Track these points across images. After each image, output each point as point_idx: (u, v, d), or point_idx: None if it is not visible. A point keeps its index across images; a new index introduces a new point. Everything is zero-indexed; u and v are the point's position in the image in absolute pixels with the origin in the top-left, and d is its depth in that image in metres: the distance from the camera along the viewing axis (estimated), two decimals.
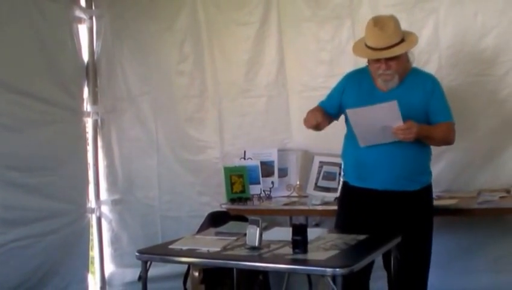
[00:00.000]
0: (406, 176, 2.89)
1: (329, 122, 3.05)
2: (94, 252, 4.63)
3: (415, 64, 3.11)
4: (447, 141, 2.99)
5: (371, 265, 2.87)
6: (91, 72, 4.54)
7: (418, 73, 3.02)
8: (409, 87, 2.90)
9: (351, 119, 2.85)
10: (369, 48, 2.87)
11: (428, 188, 3.01)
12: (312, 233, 2.55)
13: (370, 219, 2.90)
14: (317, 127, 3.00)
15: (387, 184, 2.88)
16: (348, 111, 2.85)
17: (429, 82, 2.97)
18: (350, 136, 3.00)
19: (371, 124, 2.79)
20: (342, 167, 3.22)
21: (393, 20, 2.87)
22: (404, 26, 3.10)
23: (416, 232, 2.89)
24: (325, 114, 3.00)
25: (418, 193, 2.93)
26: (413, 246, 2.84)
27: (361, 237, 2.66)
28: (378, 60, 2.85)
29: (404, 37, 2.88)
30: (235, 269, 3.27)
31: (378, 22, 2.85)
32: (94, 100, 4.56)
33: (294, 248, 2.39)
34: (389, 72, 2.86)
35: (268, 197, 3.83)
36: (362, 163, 2.93)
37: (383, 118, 2.76)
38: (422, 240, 2.94)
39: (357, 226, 2.85)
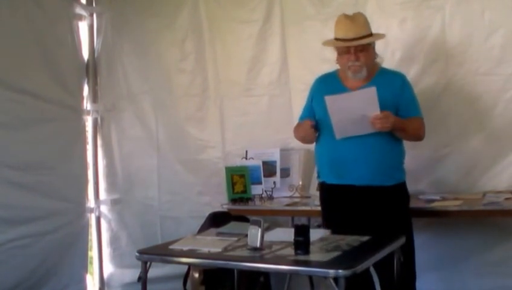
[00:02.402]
0: (382, 171, 2.95)
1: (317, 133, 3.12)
2: (93, 252, 4.62)
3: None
4: (418, 135, 3.06)
5: None
6: (91, 70, 4.52)
7: (386, 72, 3.11)
8: (378, 85, 2.91)
9: (329, 108, 2.88)
10: (339, 40, 2.98)
11: (403, 185, 3.05)
12: (314, 234, 2.52)
13: (352, 217, 2.94)
14: (311, 136, 3.08)
15: (365, 179, 2.94)
16: (327, 98, 2.88)
17: (398, 79, 3.06)
18: (323, 134, 3.05)
19: (349, 112, 2.86)
20: (316, 168, 3.23)
21: (363, 15, 3.03)
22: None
23: (396, 227, 2.86)
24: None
25: (394, 188, 2.98)
26: None
27: (364, 238, 2.63)
28: (348, 52, 2.96)
29: (373, 34, 3.01)
30: (236, 270, 3.23)
31: (348, 16, 3.00)
32: (94, 98, 4.54)
33: (296, 249, 2.37)
34: (358, 64, 2.96)
35: (270, 198, 3.81)
36: (338, 160, 2.99)
37: (361, 106, 2.83)
38: (404, 234, 2.84)
39: (341, 225, 2.87)
